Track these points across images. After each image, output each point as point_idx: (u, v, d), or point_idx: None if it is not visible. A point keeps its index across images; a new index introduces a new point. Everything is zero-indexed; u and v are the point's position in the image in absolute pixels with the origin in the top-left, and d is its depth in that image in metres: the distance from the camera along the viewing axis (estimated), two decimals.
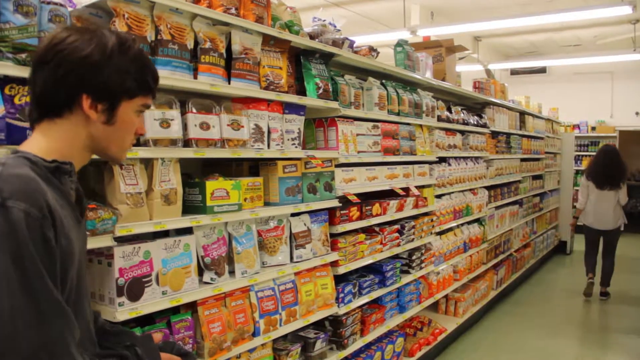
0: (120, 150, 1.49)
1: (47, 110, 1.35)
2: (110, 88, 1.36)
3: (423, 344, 4.71)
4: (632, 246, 11.40)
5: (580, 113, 13.11)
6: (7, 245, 1.14)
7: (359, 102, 3.89)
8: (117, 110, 1.39)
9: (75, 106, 1.34)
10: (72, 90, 1.33)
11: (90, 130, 1.38)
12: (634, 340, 5.54)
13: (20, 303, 1.14)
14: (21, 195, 1.17)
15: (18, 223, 1.14)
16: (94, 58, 1.32)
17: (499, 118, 6.92)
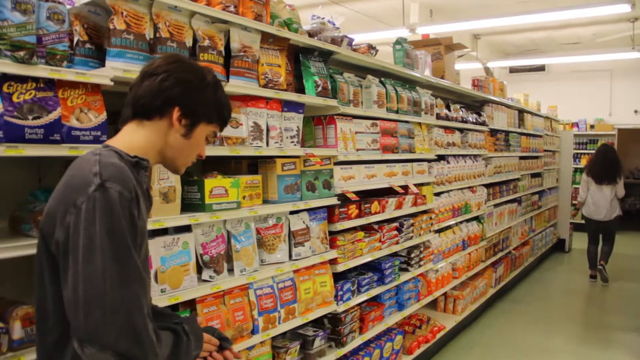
0: (184, 164, 1.73)
1: (140, 112, 1.60)
2: (197, 109, 1.64)
3: (422, 342, 4.71)
4: (631, 244, 11.42)
5: (579, 111, 13.10)
6: (104, 218, 1.37)
7: (358, 100, 3.89)
8: (195, 128, 1.65)
9: (166, 115, 1.61)
10: (169, 101, 1.59)
11: (169, 139, 1.63)
12: (633, 338, 5.55)
13: (110, 267, 1.36)
14: (116, 179, 1.42)
15: (113, 201, 1.39)
16: (194, 83, 1.63)
17: (497, 116, 6.92)
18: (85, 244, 1.36)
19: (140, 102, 1.60)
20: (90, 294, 1.34)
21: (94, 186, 1.40)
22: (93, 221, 1.37)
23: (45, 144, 1.99)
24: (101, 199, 1.39)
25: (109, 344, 1.35)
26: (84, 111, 2.15)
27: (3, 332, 1.88)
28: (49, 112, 2.01)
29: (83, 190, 1.40)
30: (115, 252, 1.38)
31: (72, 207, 1.40)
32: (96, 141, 2.15)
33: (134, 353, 1.38)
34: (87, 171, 1.43)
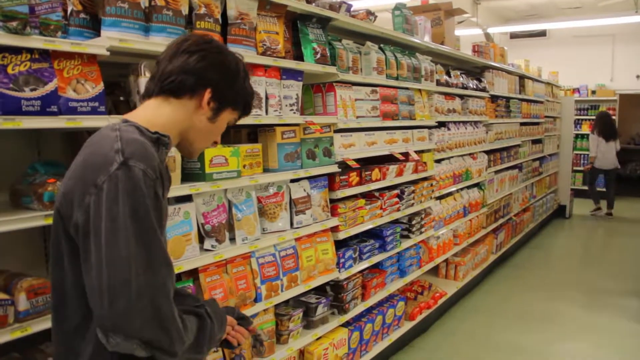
0: (200, 147, 1.69)
1: (169, 89, 1.54)
2: (227, 94, 1.60)
3: (424, 308, 4.76)
4: (632, 210, 11.44)
5: (581, 77, 12.98)
6: (128, 199, 1.29)
7: (357, 67, 3.85)
8: (221, 113, 1.62)
9: (196, 95, 1.55)
10: (202, 81, 1.54)
11: (194, 120, 1.58)
12: (632, 302, 5.61)
13: (135, 251, 1.28)
14: (140, 157, 1.34)
15: (137, 180, 1.31)
16: (230, 66, 1.60)
17: (498, 82, 6.87)
18: (108, 227, 1.28)
19: (170, 79, 1.53)
20: (114, 280, 1.26)
21: (116, 164, 1.31)
22: (116, 202, 1.29)
23: (43, 116, 1.97)
24: (124, 178, 1.30)
25: (134, 332, 1.28)
26: (81, 82, 2.13)
27: (9, 303, 1.90)
28: (45, 84, 1.99)
29: (104, 168, 1.32)
30: (140, 235, 1.30)
31: (92, 187, 1.32)
32: (94, 112, 2.13)
33: (160, 341, 1.32)
34: (108, 148, 1.35)
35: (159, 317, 1.31)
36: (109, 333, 1.28)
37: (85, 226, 1.32)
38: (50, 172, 2.21)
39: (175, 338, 1.35)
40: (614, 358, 4.40)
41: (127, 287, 1.26)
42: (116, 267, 1.27)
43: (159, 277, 1.33)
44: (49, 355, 2.17)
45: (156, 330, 1.31)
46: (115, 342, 1.28)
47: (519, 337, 4.79)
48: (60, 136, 2.60)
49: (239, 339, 1.81)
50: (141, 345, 1.30)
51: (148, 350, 1.32)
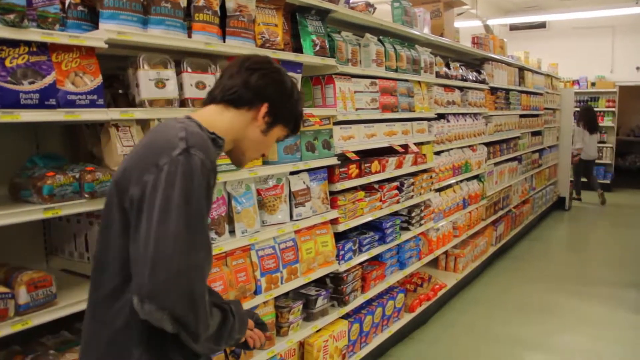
0: (250, 157, 1.83)
1: (230, 100, 1.69)
2: (281, 111, 1.76)
3: (423, 300, 4.77)
4: (631, 201, 11.46)
5: (580, 68, 12.95)
6: (184, 183, 1.41)
7: (356, 59, 3.84)
8: (273, 128, 1.77)
9: (254, 108, 1.71)
10: (261, 97, 1.71)
11: (248, 130, 1.73)
12: (631, 293, 5.62)
13: (182, 232, 1.39)
14: (200, 147, 1.47)
15: (195, 167, 1.43)
16: (287, 87, 1.77)
17: (498, 74, 6.85)
18: (162, 205, 1.39)
19: (232, 90, 1.69)
20: (159, 254, 1.37)
21: (179, 150, 1.44)
22: (173, 184, 1.40)
23: (41, 109, 1.97)
24: (184, 163, 1.42)
25: (167, 305, 1.36)
26: (79, 75, 2.13)
27: (9, 297, 1.90)
28: (44, 77, 1.99)
29: (167, 152, 1.44)
30: (189, 218, 1.40)
31: (153, 166, 1.44)
32: (92, 105, 2.13)
33: (187, 319, 1.39)
34: (173, 135, 1.48)
35: (191, 296, 1.39)
36: (145, 300, 1.37)
37: (140, 201, 1.43)
38: (49, 165, 2.21)
39: (201, 320, 1.43)
40: (613, 349, 4.42)
41: (169, 263, 1.36)
42: (163, 242, 1.37)
43: (198, 260, 1.43)
44: (49, 347, 2.18)
45: (186, 309, 1.39)
46: (149, 309, 1.36)
47: (519, 328, 4.81)
48: (59, 129, 2.60)
49: (255, 341, 1.91)
50: (170, 320, 1.38)
51: (175, 326, 1.40)
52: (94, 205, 2.12)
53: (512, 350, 4.40)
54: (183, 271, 1.38)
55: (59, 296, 2.08)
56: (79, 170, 2.11)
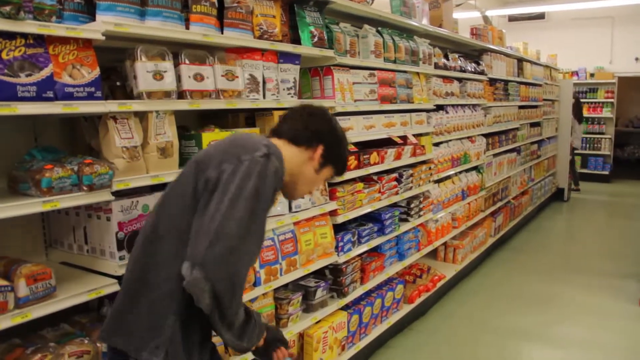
0: (301, 193, 2.05)
1: (292, 137, 1.94)
2: (333, 153, 1.98)
3: (422, 291, 4.78)
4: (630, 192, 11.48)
5: (579, 59, 12.93)
6: (259, 180, 1.63)
7: (355, 50, 3.83)
8: (324, 168, 1.99)
9: (310, 148, 1.94)
10: (318, 139, 1.95)
11: (303, 167, 1.95)
12: (630, 284, 5.64)
13: (246, 220, 1.59)
14: (278, 157, 1.74)
15: (270, 171, 1.67)
16: (340, 133, 2.02)
17: (496, 65, 6.84)
18: (235, 192, 1.60)
19: (295, 130, 1.94)
20: (222, 229, 1.55)
21: (261, 152, 1.68)
22: (249, 177, 1.62)
23: (39, 102, 1.97)
24: (263, 164, 1.66)
25: (213, 276, 1.53)
26: (77, 67, 2.12)
27: (8, 290, 1.90)
28: (41, 69, 1.99)
29: (250, 151, 1.68)
30: (255, 210, 1.61)
31: (234, 158, 1.67)
32: (90, 97, 2.13)
33: (224, 298, 1.56)
34: (258, 141, 1.74)
35: (235, 278, 1.58)
36: (196, 266, 1.54)
37: (215, 183, 1.64)
38: (48, 158, 2.21)
39: (234, 304, 1.62)
40: (612, 340, 4.44)
41: (228, 240, 1.55)
42: (227, 221, 1.57)
43: (251, 248, 1.64)
44: (49, 340, 2.18)
45: (227, 287, 1.56)
46: (196, 276, 1.53)
47: (518, 319, 4.82)
48: (57, 122, 2.59)
49: (279, 357, 2.05)
50: (210, 293, 1.54)
51: (212, 301, 1.56)
52: (93, 198, 2.13)
53: (511, 340, 4.42)
54: (236, 251, 1.56)
55: (59, 289, 2.08)
56: (77, 163, 2.11)
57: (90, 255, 2.40)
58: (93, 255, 2.39)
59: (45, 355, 2.04)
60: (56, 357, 2.07)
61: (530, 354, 4.22)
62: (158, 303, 1.70)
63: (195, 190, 1.68)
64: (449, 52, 5.68)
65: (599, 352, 4.21)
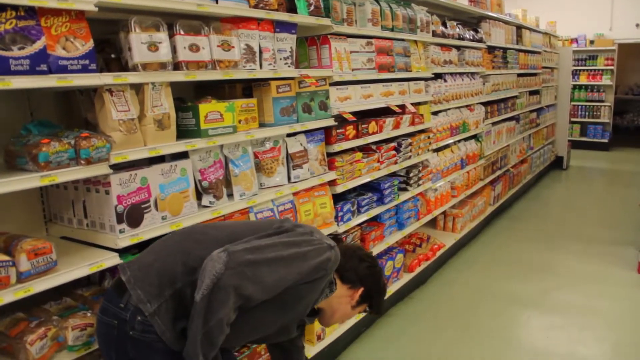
0: (336, 321, 2.29)
1: (341, 275, 2.15)
2: (371, 297, 2.24)
3: (422, 260, 4.81)
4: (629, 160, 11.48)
5: (579, 26, 12.79)
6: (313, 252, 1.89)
7: (352, 19, 3.78)
8: (360, 306, 2.24)
9: (353, 287, 2.18)
10: (361, 282, 2.18)
11: (342, 301, 2.18)
12: (628, 251, 5.66)
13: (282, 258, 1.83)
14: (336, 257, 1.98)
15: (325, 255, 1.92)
16: (381, 282, 2.28)
17: (495, 32, 6.76)
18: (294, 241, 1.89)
19: (345, 269, 2.14)
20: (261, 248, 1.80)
21: (329, 243, 1.96)
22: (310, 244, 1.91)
23: (33, 75, 1.94)
24: (325, 248, 1.92)
25: (227, 269, 1.70)
26: (70, 40, 2.09)
27: (10, 265, 1.91)
28: (33, 42, 1.95)
29: (322, 242, 1.94)
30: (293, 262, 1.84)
31: (316, 232, 2.01)
32: (85, 70, 2.10)
33: (219, 296, 1.69)
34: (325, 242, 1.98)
35: (239, 288, 1.72)
36: (226, 252, 1.73)
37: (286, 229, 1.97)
38: (44, 132, 2.19)
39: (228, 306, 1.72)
40: (610, 306, 4.48)
41: (258, 256, 1.78)
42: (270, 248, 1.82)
43: (266, 278, 1.78)
44: (53, 313, 2.20)
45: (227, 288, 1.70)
46: (221, 256, 1.71)
47: (517, 286, 4.86)
48: (52, 96, 2.57)
49: None
50: (215, 278, 1.68)
51: (213, 285, 1.69)
52: (91, 172, 2.12)
53: (511, 307, 4.46)
54: (254, 268, 1.74)
55: (60, 263, 2.09)
56: (74, 136, 2.10)
57: (90, 229, 2.40)
58: (93, 229, 2.39)
59: (49, 328, 2.05)
60: (60, 330, 2.08)
61: (529, 320, 4.27)
62: (168, 268, 1.85)
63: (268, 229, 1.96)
64: (447, 19, 5.61)
65: (597, 319, 4.25)
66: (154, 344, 1.77)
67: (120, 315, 1.77)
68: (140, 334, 1.76)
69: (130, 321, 1.76)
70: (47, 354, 2.03)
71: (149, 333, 1.76)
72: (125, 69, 2.35)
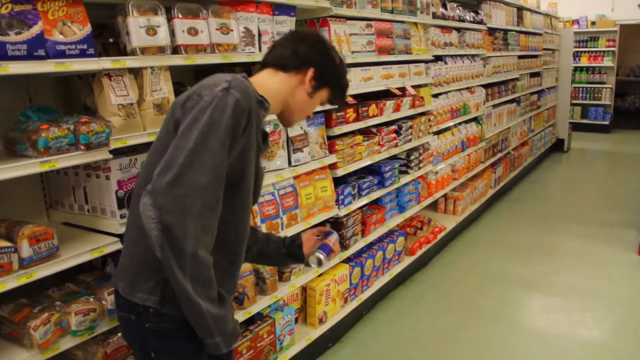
0: (298, 118, 2.01)
1: (280, 64, 1.88)
2: (326, 77, 1.92)
3: (423, 243, 4.83)
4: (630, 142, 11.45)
5: (580, 7, 12.69)
6: (214, 112, 1.57)
7: (351, 1, 3.74)
8: (319, 91, 1.93)
9: (301, 72, 1.88)
10: (308, 62, 1.88)
11: (295, 92, 1.90)
12: (629, 233, 5.68)
13: (194, 150, 1.54)
14: (240, 91, 1.63)
15: (229, 104, 1.59)
16: (332, 54, 1.94)
17: (496, 14, 6.71)
18: (189, 123, 1.57)
19: (283, 56, 1.88)
20: (171, 159, 1.54)
21: (220, 87, 1.61)
22: (205, 110, 1.57)
23: (30, 61, 1.92)
24: (221, 97, 1.59)
25: (159, 204, 1.50)
26: (67, 24, 2.07)
27: (12, 251, 1.91)
28: (30, 27, 1.94)
29: (211, 87, 1.63)
30: (206, 141, 1.55)
31: (196, 95, 1.63)
32: (83, 55, 2.08)
33: (172, 229, 1.49)
34: (221, 78, 1.67)
35: (184, 208, 1.50)
36: (147, 194, 1.52)
37: (181, 120, 1.62)
38: (43, 118, 2.18)
39: (189, 235, 1.51)
40: (611, 288, 4.50)
41: (174, 168, 1.52)
42: (177, 151, 1.54)
43: (202, 180, 1.54)
44: (55, 299, 2.21)
45: (176, 221, 1.49)
46: (145, 202, 1.51)
47: (517, 269, 4.88)
48: (51, 82, 2.56)
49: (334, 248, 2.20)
50: (157, 221, 1.49)
51: (161, 233, 1.49)
52: (91, 157, 2.11)
53: (511, 290, 4.48)
54: (182, 184, 1.51)
55: (62, 249, 2.09)
56: (73, 122, 2.09)
57: (91, 215, 2.41)
58: (94, 214, 2.39)
59: (52, 314, 2.06)
60: (63, 315, 2.09)
61: (530, 302, 4.29)
62: (148, 251, 1.63)
63: (169, 133, 1.66)
64: (447, 1, 5.56)
65: (598, 300, 4.27)
66: (171, 332, 1.72)
67: (136, 309, 1.72)
68: (156, 324, 1.72)
69: (144, 314, 1.71)
70: (51, 339, 2.04)
71: (164, 322, 1.71)
72: (124, 53, 2.34)
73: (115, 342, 2.32)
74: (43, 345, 2.01)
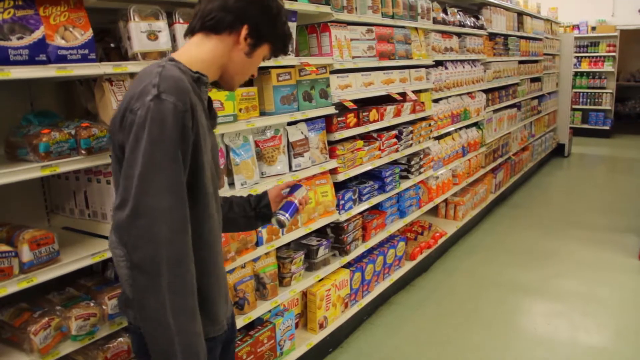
0: (240, 80, 1.79)
1: (210, 26, 1.65)
2: (264, 31, 1.69)
3: (424, 248, 4.82)
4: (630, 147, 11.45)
5: (581, 12, 12.71)
6: (152, 127, 1.41)
7: (352, 6, 3.75)
8: (257, 49, 1.71)
9: (234, 31, 1.65)
10: (240, 19, 1.64)
11: (232, 54, 1.68)
12: (630, 239, 5.67)
13: (145, 173, 1.40)
14: (172, 92, 1.45)
15: (166, 112, 1.42)
16: (271, 7, 1.70)
17: (496, 19, 6.73)
18: (131, 146, 1.43)
19: (210, 16, 1.64)
20: (125, 190, 1.42)
21: (150, 96, 1.44)
22: (143, 127, 1.42)
23: (32, 66, 1.93)
24: (154, 109, 1.42)
25: (126, 245, 1.42)
26: (69, 29, 2.08)
27: (12, 255, 1.91)
28: (32, 32, 1.94)
29: (141, 98, 1.45)
30: (154, 160, 1.41)
31: (129, 112, 1.46)
32: (84, 60, 2.09)
33: (145, 269, 1.39)
34: (148, 82, 1.48)
35: (154, 241, 1.39)
36: (112, 230, 1.47)
37: (125, 144, 1.47)
38: (44, 123, 2.18)
39: (163, 265, 1.39)
40: (611, 293, 4.49)
41: (130, 201, 1.40)
42: (129, 182, 1.42)
43: (162, 203, 1.41)
44: (56, 304, 2.20)
45: (144, 254, 1.39)
46: (112, 240, 1.48)
47: (518, 274, 4.87)
48: (52, 86, 2.56)
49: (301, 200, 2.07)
50: (126, 262, 1.46)
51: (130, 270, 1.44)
52: (92, 162, 2.11)
53: (512, 295, 4.47)
54: (142, 211, 1.39)
55: (62, 253, 2.09)
56: (74, 126, 2.09)
57: (91, 220, 2.40)
58: (94, 219, 2.39)
59: (53, 318, 2.06)
60: (63, 320, 2.09)
61: (530, 307, 4.28)
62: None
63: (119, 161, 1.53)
64: (447, 6, 5.58)
65: (598, 305, 4.26)
66: None
67: None
68: None
69: None
70: (51, 344, 2.04)
71: None
72: (125, 58, 2.34)
73: (116, 346, 2.31)
74: (43, 349, 2.01)
